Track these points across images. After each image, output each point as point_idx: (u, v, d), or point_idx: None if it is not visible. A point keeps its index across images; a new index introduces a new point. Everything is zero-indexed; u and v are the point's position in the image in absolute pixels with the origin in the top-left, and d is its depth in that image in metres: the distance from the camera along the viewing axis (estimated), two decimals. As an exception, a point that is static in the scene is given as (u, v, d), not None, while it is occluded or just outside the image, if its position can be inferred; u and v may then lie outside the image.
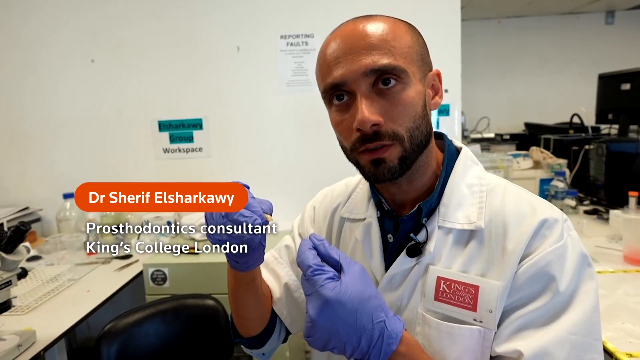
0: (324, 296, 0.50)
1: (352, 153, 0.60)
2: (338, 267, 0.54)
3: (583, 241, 0.60)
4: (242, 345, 0.77)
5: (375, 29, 0.57)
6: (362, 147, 0.57)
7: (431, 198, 0.62)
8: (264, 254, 0.63)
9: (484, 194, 0.61)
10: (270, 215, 0.57)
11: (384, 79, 0.56)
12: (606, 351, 0.95)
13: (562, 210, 1.97)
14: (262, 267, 0.77)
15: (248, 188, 0.57)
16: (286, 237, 0.82)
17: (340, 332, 0.50)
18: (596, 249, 1.52)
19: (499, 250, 0.57)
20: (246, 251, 0.58)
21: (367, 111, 0.54)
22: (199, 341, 1.28)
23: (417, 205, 0.62)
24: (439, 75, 0.63)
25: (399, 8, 2.02)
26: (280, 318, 0.76)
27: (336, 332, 0.50)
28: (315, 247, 0.54)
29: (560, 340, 0.51)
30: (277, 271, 0.78)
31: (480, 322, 0.55)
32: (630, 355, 0.92)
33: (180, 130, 2.16)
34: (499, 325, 0.55)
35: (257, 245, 0.59)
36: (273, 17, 2.07)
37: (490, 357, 0.56)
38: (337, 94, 0.58)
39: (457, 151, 0.67)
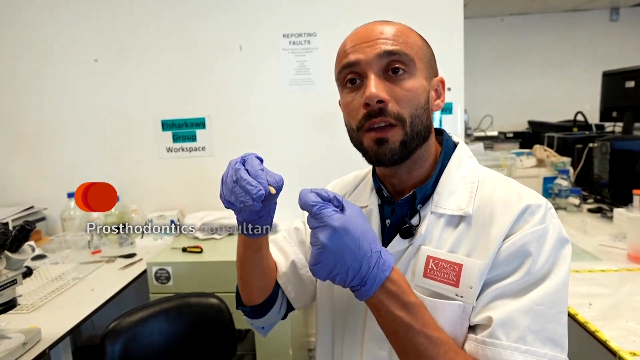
0: (332, 225, 0.55)
1: (358, 132, 0.65)
2: (340, 207, 0.59)
3: (587, 239, 0.62)
4: (244, 315, 0.82)
5: (390, 27, 0.64)
6: (367, 124, 0.63)
7: (426, 186, 0.68)
8: (271, 223, 0.69)
9: (475, 184, 0.67)
10: (277, 188, 0.60)
11: (393, 68, 0.62)
12: (610, 350, 0.95)
13: (565, 208, 1.96)
14: (271, 244, 0.83)
15: (262, 161, 0.62)
16: (297, 221, 0.88)
17: (345, 256, 0.56)
18: (600, 247, 1.52)
19: (484, 234, 0.62)
20: (251, 231, 0.67)
21: (375, 88, 0.61)
22: (203, 339, 1.29)
23: (412, 191, 0.68)
24: (442, 82, 0.70)
25: (401, 6, 2.01)
26: (285, 292, 0.82)
27: (342, 257, 0.56)
28: (318, 193, 0.58)
29: (526, 309, 0.57)
30: (285, 249, 0.84)
31: (462, 297, 0.60)
32: (634, 354, 0.91)
33: (183, 130, 2.17)
34: (477, 299, 0.60)
35: (264, 214, 0.66)
36: (275, 16, 2.07)
37: (469, 326, 0.61)
38: (350, 78, 0.65)
39: (455, 146, 0.73)
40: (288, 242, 0.85)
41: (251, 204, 0.58)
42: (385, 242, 0.70)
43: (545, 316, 0.57)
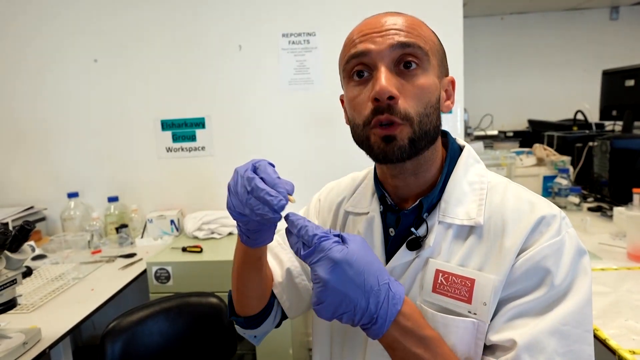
0: (334, 258, 0.50)
1: (364, 128, 0.60)
2: (340, 238, 0.55)
3: (586, 238, 0.61)
4: (236, 325, 0.78)
5: (404, 19, 0.60)
6: (375, 119, 0.58)
7: (432, 193, 0.64)
8: (274, 232, 0.65)
9: (484, 191, 0.63)
10: (292, 196, 0.56)
11: (406, 62, 0.58)
12: (609, 348, 0.95)
13: (565, 207, 1.95)
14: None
15: (273, 166, 0.57)
16: None
17: (350, 293, 0.51)
18: (600, 246, 1.52)
19: (496, 246, 0.58)
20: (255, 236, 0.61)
21: (386, 82, 0.56)
22: (203, 339, 1.29)
23: (418, 200, 0.64)
24: (453, 82, 0.65)
25: (400, 5, 2.01)
26: (280, 301, 0.78)
27: (346, 294, 0.51)
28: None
29: (551, 330, 0.53)
30: (280, 256, 0.80)
31: (475, 314, 0.57)
32: (633, 352, 0.91)
33: (183, 129, 2.17)
34: (494, 315, 0.56)
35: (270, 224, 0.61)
36: (275, 16, 2.07)
37: (485, 345, 0.57)
38: (357, 70, 0.60)
39: (460, 149, 0.69)
40: (283, 248, 0.80)
41: (271, 217, 0.53)
42: (389, 253, 0.66)
43: (571, 336, 0.53)
